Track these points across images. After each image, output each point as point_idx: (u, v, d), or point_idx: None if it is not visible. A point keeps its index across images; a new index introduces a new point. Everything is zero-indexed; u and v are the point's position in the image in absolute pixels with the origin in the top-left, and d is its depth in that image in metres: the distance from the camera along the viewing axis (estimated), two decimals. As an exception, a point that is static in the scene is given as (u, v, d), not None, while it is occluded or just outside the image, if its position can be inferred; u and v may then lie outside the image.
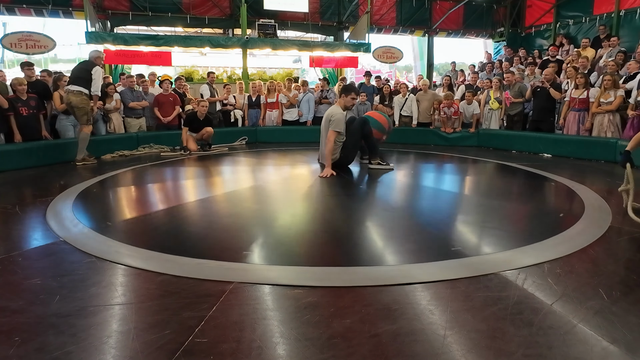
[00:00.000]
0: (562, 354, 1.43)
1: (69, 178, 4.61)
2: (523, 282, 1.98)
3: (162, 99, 7.21)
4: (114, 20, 10.13)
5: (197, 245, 2.56)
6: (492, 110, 7.11)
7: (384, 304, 1.79)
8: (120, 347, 1.50)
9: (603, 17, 9.98)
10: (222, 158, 6.15)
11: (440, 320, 1.66)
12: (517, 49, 10.46)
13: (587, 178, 4.48)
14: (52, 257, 2.39)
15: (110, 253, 2.38)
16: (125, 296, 1.89)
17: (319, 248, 2.56)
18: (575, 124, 6.10)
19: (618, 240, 2.60)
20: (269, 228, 2.96)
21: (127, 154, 6.32)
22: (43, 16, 9.85)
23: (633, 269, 2.15)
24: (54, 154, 5.62)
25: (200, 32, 11.11)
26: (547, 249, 2.39)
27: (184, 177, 5.05)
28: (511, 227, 2.97)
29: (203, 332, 1.59)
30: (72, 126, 6.08)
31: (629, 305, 1.77)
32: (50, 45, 9.15)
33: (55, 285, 2.00)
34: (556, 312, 1.71)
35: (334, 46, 10.19)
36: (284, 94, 8.11)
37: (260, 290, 1.95)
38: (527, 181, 4.60)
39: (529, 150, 6.37)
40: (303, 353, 1.46)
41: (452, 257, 2.28)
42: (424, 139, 7.43)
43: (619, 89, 5.66)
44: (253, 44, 9.41)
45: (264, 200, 3.85)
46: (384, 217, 3.26)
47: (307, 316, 1.70)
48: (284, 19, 11.07)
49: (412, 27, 12.48)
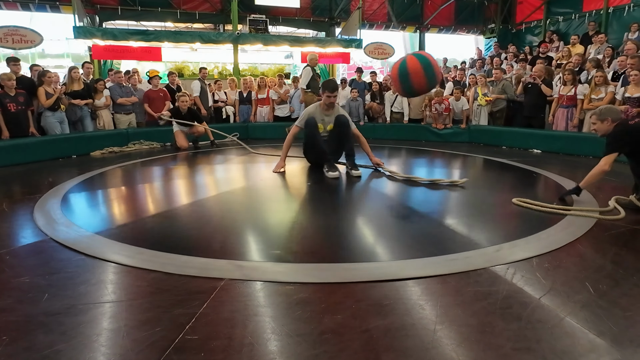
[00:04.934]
0: (549, 347, 1.45)
1: (58, 175, 4.55)
2: (512, 276, 2.00)
3: (152, 94, 7.14)
4: (102, 15, 9.99)
5: (188, 242, 2.54)
6: (481, 107, 7.16)
7: (375, 299, 1.80)
8: (110, 345, 1.49)
9: (592, 13, 10.08)
10: (212, 155, 6.12)
11: (430, 315, 1.67)
12: (506, 46, 10.53)
13: (575, 173, 4.53)
14: (40, 255, 2.37)
15: (100, 251, 2.36)
16: (116, 294, 1.88)
17: (310, 244, 2.56)
18: (563, 120, 6.18)
19: (605, 234, 2.64)
20: (260, 224, 2.95)
21: (117, 150, 6.26)
22: (30, 10, 9.69)
23: (619, 262, 2.19)
24: (42, 151, 5.55)
25: (191, 28, 11.01)
26: (536, 244, 2.42)
27: (174, 174, 5.01)
28: (501, 222, 3.00)
29: (194, 329, 1.58)
30: (58, 123, 6.00)
31: (615, 298, 1.80)
32: (37, 40, 8.99)
33: (44, 283, 1.98)
34: (544, 306, 1.74)
35: (326, 42, 10.17)
36: (275, 90, 8.08)
37: (252, 286, 1.94)
38: (516, 177, 4.64)
39: (520, 146, 6.43)
40: (294, 349, 1.46)
41: (443, 252, 2.29)
42: (415, 135, 7.46)
43: (609, 85, 5.73)
44: (244, 40, 9.35)
45: (255, 197, 3.84)
46: (375, 213, 3.27)
47: (299, 312, 1.70)
48: (276, 14, 11.02)
49: (404, 23, 12.49)
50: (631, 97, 5.24)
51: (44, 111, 5.92)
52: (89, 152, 6.02)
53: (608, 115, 3.20)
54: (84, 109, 6.45)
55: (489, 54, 11.22)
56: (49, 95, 5.80)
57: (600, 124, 3.24)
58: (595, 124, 3.30)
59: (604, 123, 3.22)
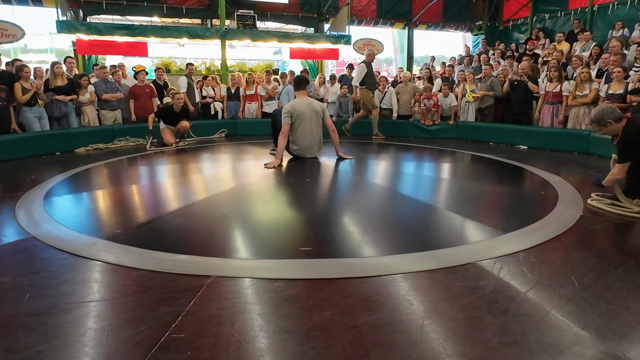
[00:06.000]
0: (535, 340, 1.47)
1: (40, 173, 4.46)
2: (499, 271, 2.02)
3: (137, 90, 7.02)
4: (86, 9, 9.78)
5: (175, 239, 2.51)
6: (469, 103, 7.21)
7: (364, 295, 1.80)
8: (94, 345, 1.46)
9: (577, 11, 10.22)
10: (199, 152, 6.06)
11: (418, 310, 1.67)
12: (494, 43, 10.62)
13: (560, 169, 4.59)
14: (22, 254, 2.31)
15: (84, 249, 2.31)
16: (100, 292, 1.85)
17: (298, 241, 2.55)
18: (549, 116, 6.25)
19: (589, 229, 2.67)
20: (248, 221, 2.93)
21: (102, 147, 6.16)
22: (10, 4, 9.44)
23: (603, 256, 2.22)
24: (25, 148, 5.43)
25: (178, 23, 10.84)
26: (522, 239, 2.44)
27: (160, 171, 4.95)
28: (488, 218, 3.02)
29: (180, 327, 1.56)
30: (36, 118, 5.87)
31: (600, 291, 1.82)
32: (19, 35, 8.78)
33: (26, 282, 1.93)
34: (530, 299, 1.75)
35: (314, 38, 10.12)
36: (263, 87, 8.02)
37: (239, 283, 1.93)
38: (503, 172, 4.69)
39: (506, 142, 6.49)
40: (282, 346, 1.45)
41: (431, 248, 2.30)
42: (404, 131, 7.48)
43: (593, 82, 5.82)
44: (232, 35, 9.25)
45: (242, 194, 3.81)
46: (363, 209, 3.27)
47: (287, 309, 1.69)
48: (264, 9, 10.92)
49: (393, 19, 12.50)
50: (614, 93, 5.32)
51: (21, 107, 5.78)
52: (73, 149, 5.90)
53: (607, 118, 3.04)
54: (68, 105, 6.31)
55: (477, 51, 11.31)
56: (25, 90, 5.67)
57: (605, 128, 3.08)
58: (600, 130, 3.14)
59: (608, 126, 3.06)
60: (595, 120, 3.12)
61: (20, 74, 5.70)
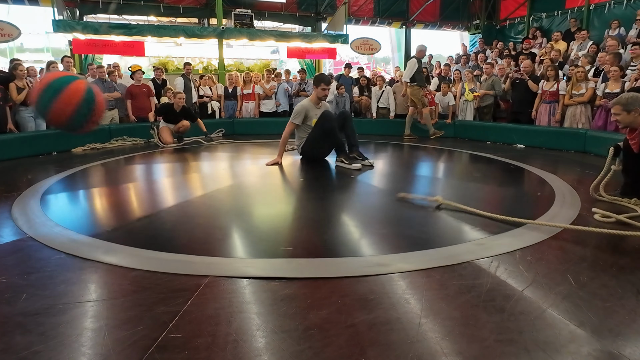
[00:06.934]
0: (532, 338, 1.47)
1: (37, 172, 4.44)
2: (496, 269, 2.03)
3: (134, 90, 7.00)
4: (83, 8, 9.75)
5: (172, 239, 2.51)
6: (467, 102, 7.23)
7: (361, 294, 1.80)
8: (91, 345, 1.46)
9: (574, 10, 10.24)
10: (197, 151, 6.05)
11: (415, 309, 1.68)
12: (491, 42, 10.64)
13: (557, 168, 4.61)
14: (18, 254, 2.30)
15: (80, 249, 2.30)
16: (97, 293, 1.84)
17: (295, 240, 2.55)
18: (546, 115, 6.28)
19: (586, 227, 2.68)
20: (245, 221, 2.93)
21: (99, 147, 6.14)
22: (7, 3, 9.40)
23: (599, 255, 2.23)
24: (21, 148, 5.41)
25: (175, 22, 10.83)
26: (519, 237, 2.45)
27: (157, 170, 4.94)
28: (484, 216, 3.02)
29: (177, 327, 1.56)
30: (32, 117, 5.85)
31: (595, 289, 1.83)
32: (15, 34, 8.75)
33: (22, 283, 1.92)
34: (527, 298, 1.76)
35: (312, 37, 10.12)
36: (260, 86, 8.02)
37: (237, 283, 1.92)
38: (500, 171, 4.70)
39: (504, 141, 6.51)
40: (279, 345, 1.45)
41: (428, 246, 2.31)
42: (401, 131, 7.49)
43: (590, 81, 5.83)
44: (229, 35, 9.24)
45: (240, 193, 3.81)
46: (360, 208, 3.27)
47: (284, 308, 1.69)
48: (261, 9, 10.91)
49: (390, 18, 12.51)
50: (611, 92, 5.34)
51: (17, 106, 5.76)
52: (69, 148, 5.88)
53: (637, 106, 2.86)
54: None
55: (474, 50, 11.33)
56: (20, 90, 5.64)
57: (626, 115, 2.90)
58: (619, 114, 2.94)
59: (630, 114, 2.89)
60: (623, 103, 2.92)
61: (14, 72, 5.68)
